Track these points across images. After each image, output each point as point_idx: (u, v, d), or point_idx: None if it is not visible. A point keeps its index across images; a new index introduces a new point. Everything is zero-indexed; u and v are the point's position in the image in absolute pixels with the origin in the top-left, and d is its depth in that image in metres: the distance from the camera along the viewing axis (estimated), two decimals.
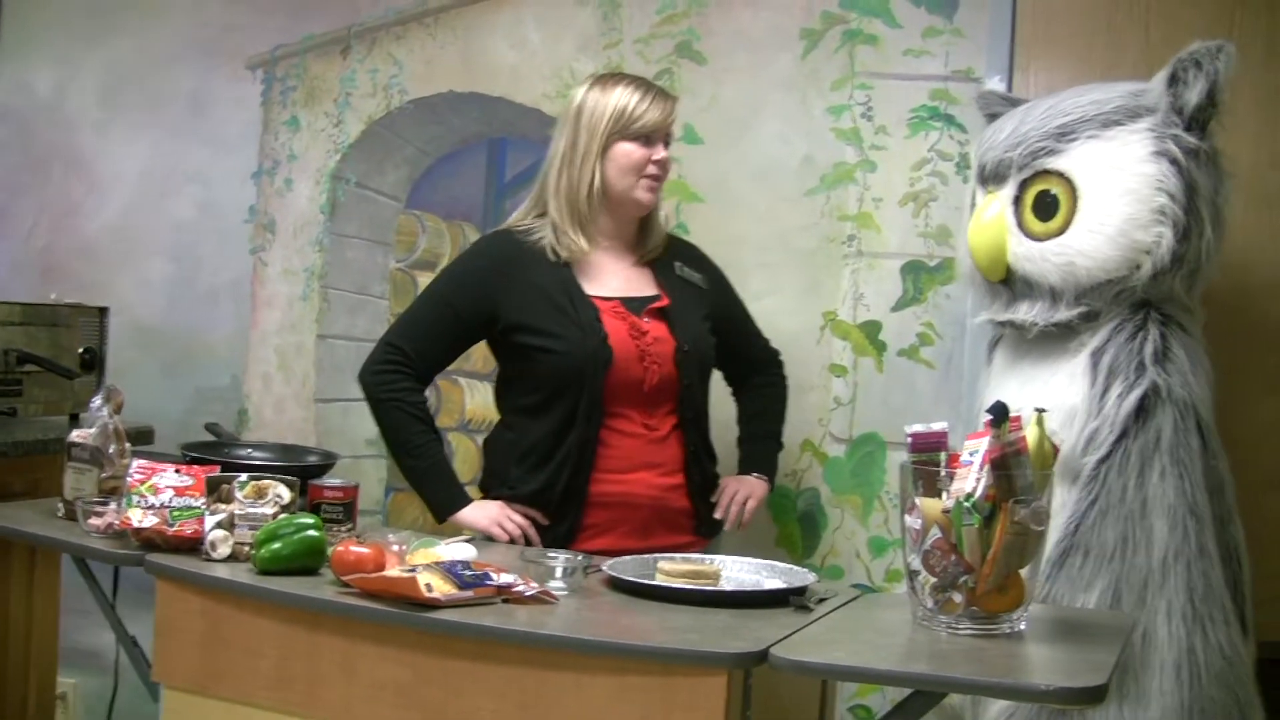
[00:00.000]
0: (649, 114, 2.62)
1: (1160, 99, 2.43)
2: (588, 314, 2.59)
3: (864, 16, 3.11)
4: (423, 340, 2.65)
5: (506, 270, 2.63)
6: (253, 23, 3.67)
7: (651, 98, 2.64)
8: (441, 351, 2.70)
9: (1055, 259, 2.46)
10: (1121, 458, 2.35)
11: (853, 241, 3.12)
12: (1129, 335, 2.41)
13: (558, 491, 2.56)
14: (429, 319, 2.68)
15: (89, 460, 2.45)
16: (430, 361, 2.68)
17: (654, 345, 2.61)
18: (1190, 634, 2.32)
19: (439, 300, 2.69)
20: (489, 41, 3.44)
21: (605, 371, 2.55)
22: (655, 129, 2.63)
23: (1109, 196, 2.42)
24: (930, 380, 3.06)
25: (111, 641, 2.61)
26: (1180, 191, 2.39)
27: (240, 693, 2.08)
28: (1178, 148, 2.40)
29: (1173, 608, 2.31)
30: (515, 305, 2.60)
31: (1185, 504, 2.34)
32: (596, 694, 1.85)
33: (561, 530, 2.55)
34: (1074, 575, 2.35)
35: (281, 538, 2.11)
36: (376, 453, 3.49)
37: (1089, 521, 2.36)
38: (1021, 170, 2.51)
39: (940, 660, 1.83)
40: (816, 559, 3.11)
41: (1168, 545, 2.33)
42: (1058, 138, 2.47)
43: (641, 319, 2.63)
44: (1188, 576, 2.32)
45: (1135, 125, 2.43)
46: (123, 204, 3.81)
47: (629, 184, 2.62)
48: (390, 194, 3.54)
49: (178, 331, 3.72)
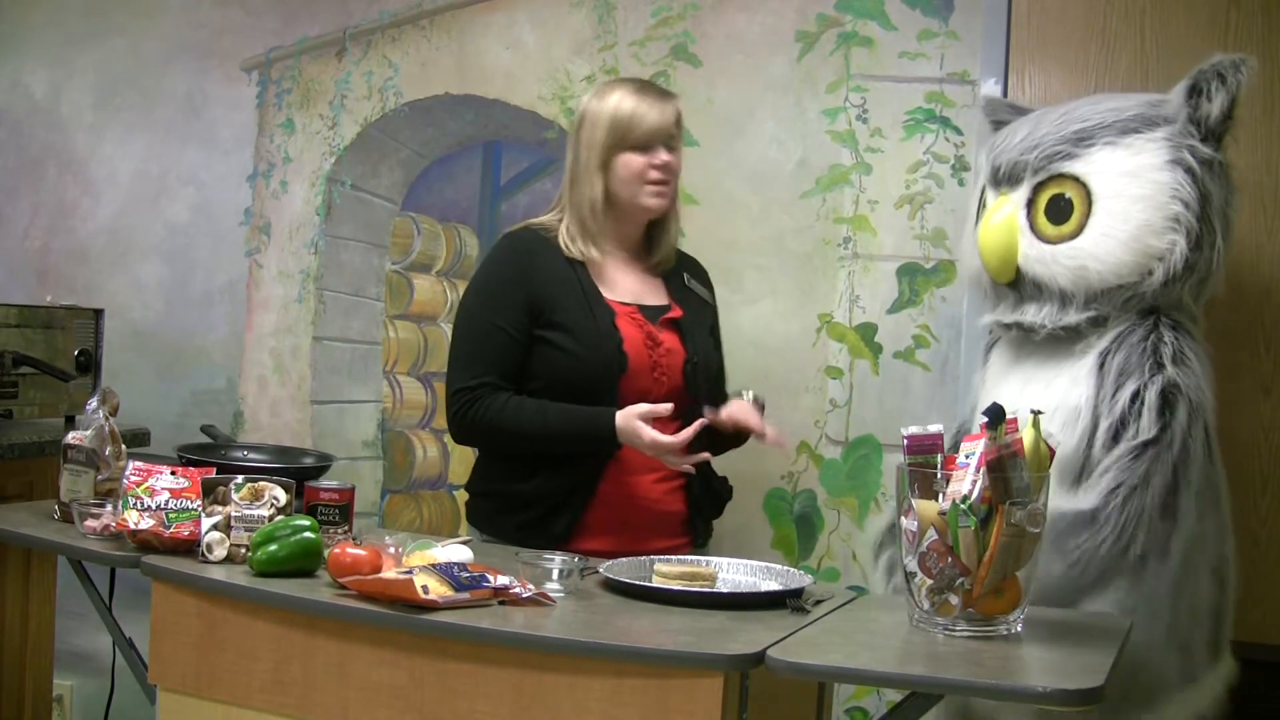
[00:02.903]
0: (644, 121, 2.57)
1: (1179, 110, 2.43)
2: (605, 316, 2.57)
3: (859, 19, 3.12)
4: (486, 368, 2.55)
5: (531, 263, 2.59)
6: (247, 25, 3.67)
7: (648, 103, 2.59)
8: (510, 364, 2.56)
9: (1067, 262, 2.45)
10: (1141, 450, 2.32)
11: (848, 244, 3.12)
12: (1140, 338, 2.40)
13: (559, 493, 2.55)
14: (485, 348, 2.57)
15: (85, 463, 2.45)
16: (506, 379, 2.56)
17: (666, 357, 2.60)
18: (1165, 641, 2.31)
19: (486, 326, 2.57)
20: (484, 44, 3.45)
21: (619, 378, 2.54)
22: (652, 135, 2.58)
23: (1124, 202, 2.41)
24: (926, 382, 3.07)
25: (107, 644, 2.61)
26: (1194, 200, 2.39)
27: (236, 695, 2.07)
28: (1193, 158, 2.40)
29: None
30: (546, 295, 2.56)
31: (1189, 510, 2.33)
32: (593, 696, 1.85)
33: (558, 529, 2.54)
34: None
35: (278, 540, 2.11)
36: (372, 455, 3.49)
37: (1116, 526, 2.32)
38: (1037, 173, 2.50)
39: (936, 662, 1.83)
40: (813, 561, 3.11)
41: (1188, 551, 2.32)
42: (1075, 142, 2.47)
43: (656, 328, 2.62)
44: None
45: (1153, 134, 2.43)
46: (118, 206, 3.81)
47: (634, 192, 2.59)
48: (385, 196, 3.54)
49: (173, 334, 3.72)
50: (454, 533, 3.25)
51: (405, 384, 3.50)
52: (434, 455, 3.47)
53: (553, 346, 2.55)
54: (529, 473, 2.57)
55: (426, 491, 3.47)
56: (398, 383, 3.51)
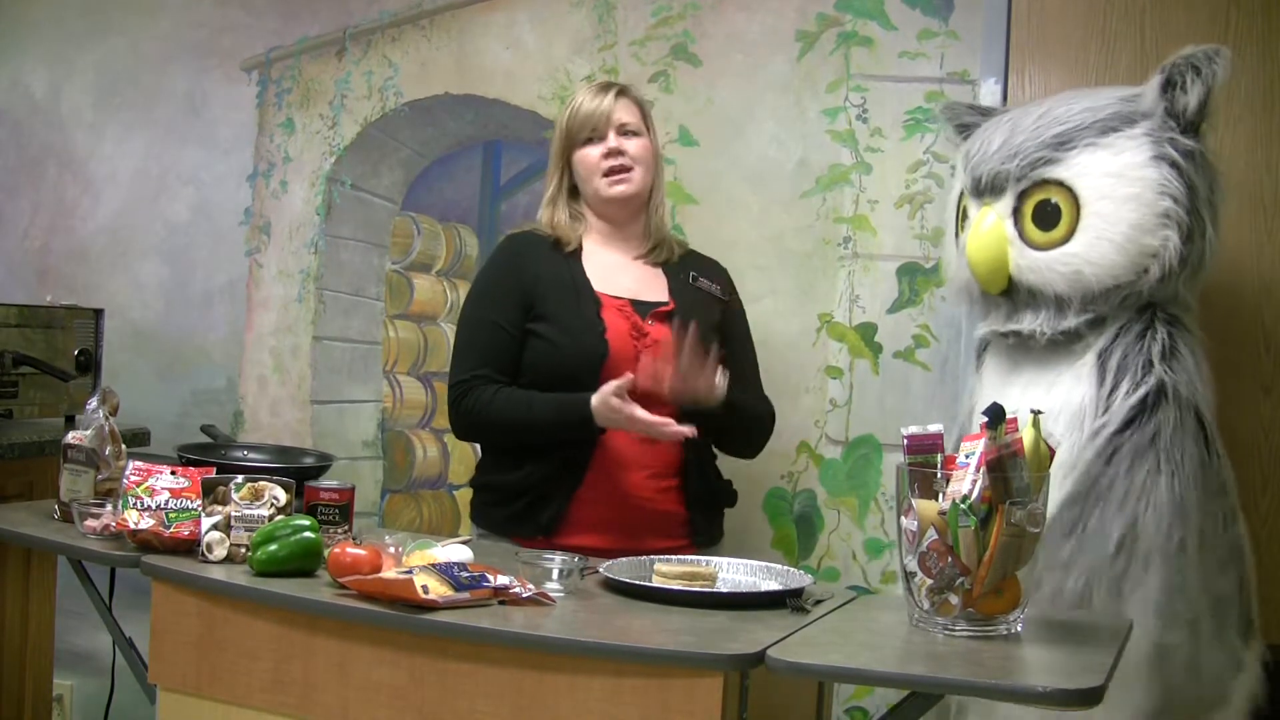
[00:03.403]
0: (582, 110, 2.67)
1: (1155, 104, 2.43)
2: (590, 306, 2.60)
3: (859, 19, 3.12)
4: (480, 361, 2.60)
5: (525, 260, 2.65)
6: (247, 24, 3.67)
7: (590, 95, 2.68)
8: (505, 358, 2.61)
9: (1062, 268, 2.45)
10: (1114, 451, 2.36)
11: (848, 244, 3.12)
12: (1137, 335, 2.42)
13: (546, 483, 2.55)
14: (480, 343, 2.62)
15: (85, 462, 2.45)
16: (501, 373, 2.60)
17: (652, 347, 2.60)
18: (1164, 630, 2.32)
19: (482, 322, 2.63)
20: (484, 44, 3.45)
21: (601, 366, 2.55)
22: (596, 125, 2.65)
23: (1113, 203, 2.41)
24: (926, 382, 3.06)
25: (107, 643, 2.61)
26: (1182, 194, 2.39)
27: (236, 695, 2.07)
28: (1176, 151, 2.40)
29: (1147, 602, 2.31)
30: (537, 289, 2.61)
31: (1173, 501, 2.34)
32: (593, 696, 1.85)
33: (544, 519, 2.55)
34: (1052, 554, 2.34)
35: (278, 539, 2.11)
36: (372, 454, 3.49)
37: (1076, 507, 2.36)
38: (1020, 181, 2.49)
39: (936, 662, 1.83)
40: (813, 561, 3.11)
41: (1152, 540, 2.33)
42: (1055, 147, 2.46)
43: (646, 321, 2.63)
44: (1165, 572, 2.32)
45: (1132, 131, 2.43)
46: (118, 206, 3.81)
47: (595, 185, 2.68)
48: (385, 196, 3.54)
49: (173, 334, 3.72)
50: (454, 532, 3.25)
51: (405, 384, 3.50)
52: (434, 455, 3.47)
53: (539, 338, 2.59)
54: (517, 464, 2.59)
55: (426, 491, 3.47)
56: (398, 382, 3.51)
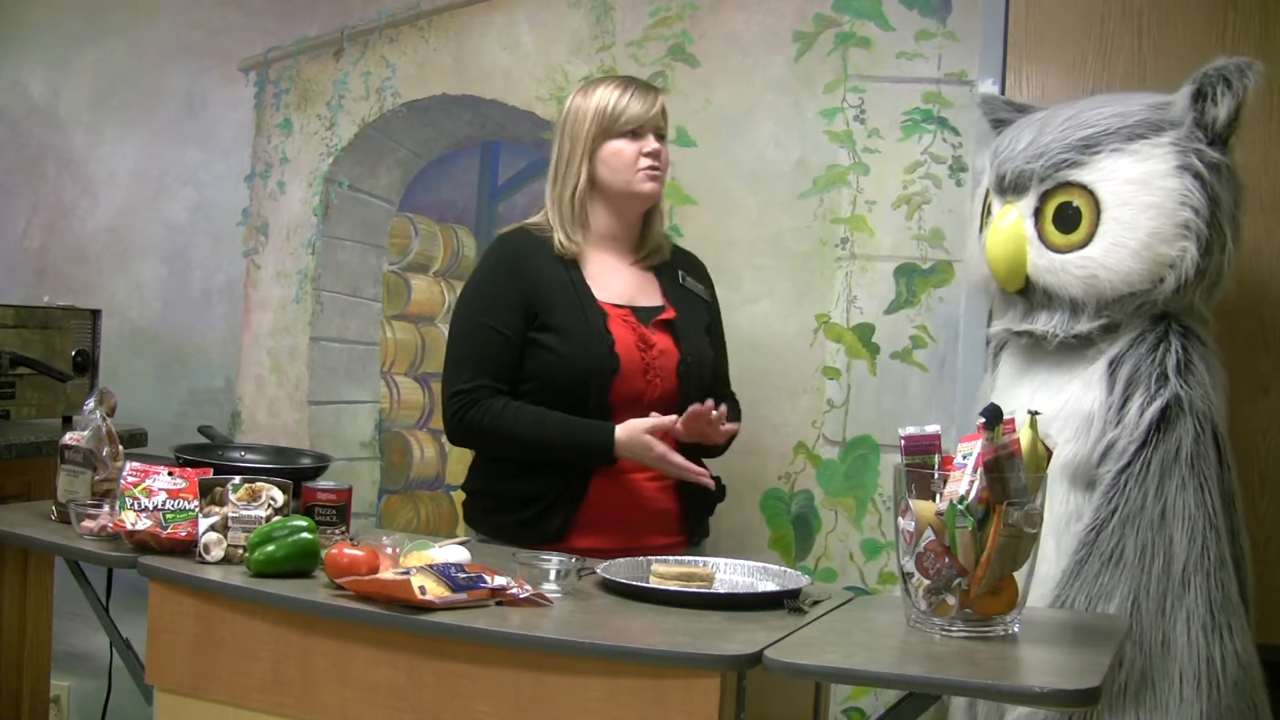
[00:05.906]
0: (630, 108, 2.62)
1: (1185, 113, 2.42)
2: (597, 318, 2.58)
3: (857, 19, 3.12)
4: (481, 369, 2.57)
5: (524, 264, 2.61)
6: (245, 25, 3.67)
7: (633, 93, 2.64)
8: (505, 366, 2.58)
9: (1078, 271, 2.44)
10: (1141, 468, 2.34)
11: (846, 244, 3.12)
12: (1150, 346, 2.40)
13: (554, 491, 2.55)
14: (481, 350, 2.58)
15: (82, 463, 2.45)
16: (502, 381, 2.57)
17: (659, 359, 2.60)
18: (1210, 644, 2.31)
19: (481, 328, 2.59)
20: (482, 44, 3.45)
21: (611, 380, 2.54)
22: (640, 123, 2.62)
23: (1133, 210, 2.40)
24: (923, 383, 3.06)
25: (105, 644, 2.60)
26: (1204, 206, 2.38)
27: (234, 695, 2.07)
28: (1201, 163, 2.39)
29: (1192, 617, 2.30)
30: (539, 297, 2.58)
31: (1205, 515, 2.33)
32: (590, 696, 1.85)
33: (551, 528, 2.54)
34: (1091, 583, 2.33)
35: (275, 540, 2.11)
36: (370, 455, 3.49)
37: (1108, 530, 2.34)
38: (1043, 182, 2.49)
39: (934, 663, 1.83)
40: (810, 561, 3.11)
41: (1187, 555, 2.32)
42: (1080, 150, 2.45)
43: (649, 330, 2.62)
44: (1207, 587, 2.32)
45: (1159, 139, 2.42)
46: (116, 206, 3.80)
47: (627, 179, 2.63)
48: (383, 197, 3.54)
49: (171, 334, 3.72)
50: (451, 533, 3.24)
51: (402, 384, 3.50)
52: (431, 455, 3.46)
53: (545, 349, 2.56)
54: (522, 471, 2.58)
55: (424, 492, 3.47)
56: (395, 383, 3.51)
